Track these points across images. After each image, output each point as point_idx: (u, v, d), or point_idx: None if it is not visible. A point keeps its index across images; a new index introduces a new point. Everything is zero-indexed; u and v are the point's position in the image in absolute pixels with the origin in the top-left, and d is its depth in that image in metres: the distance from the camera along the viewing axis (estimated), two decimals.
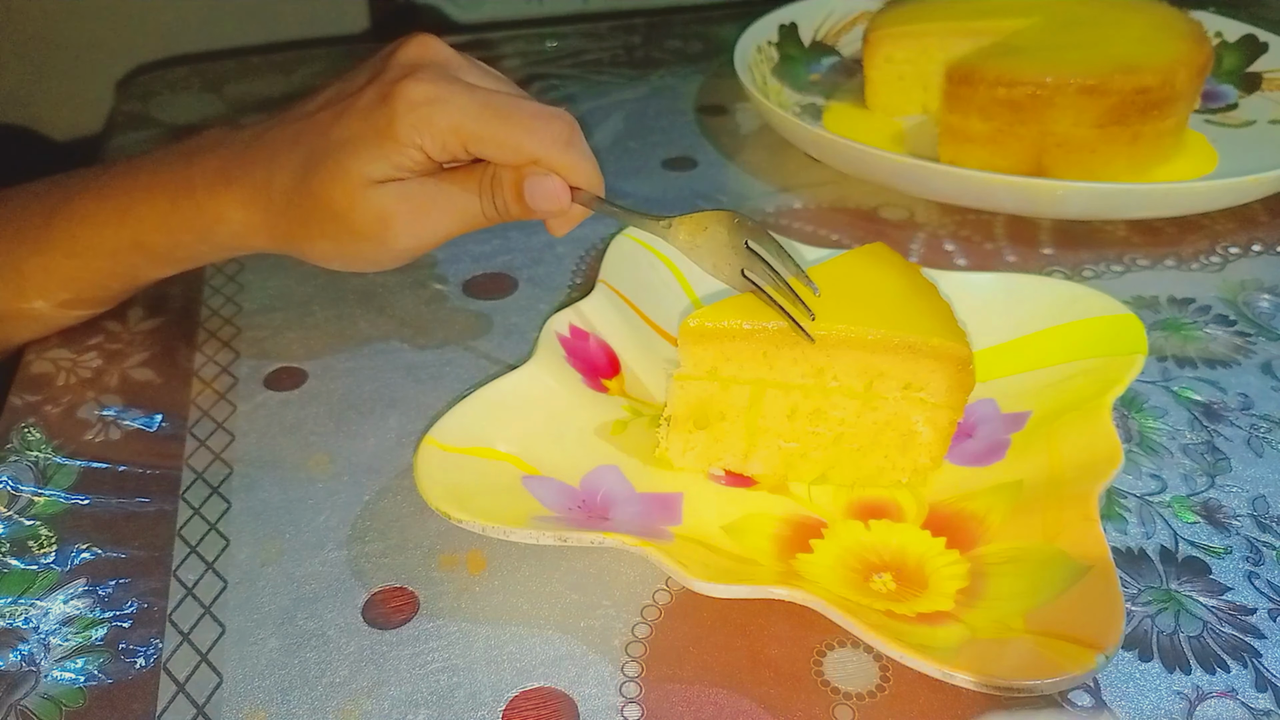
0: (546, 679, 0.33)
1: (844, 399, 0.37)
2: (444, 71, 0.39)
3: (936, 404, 0.37)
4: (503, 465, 0.37)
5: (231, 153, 0.41)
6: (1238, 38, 0.65)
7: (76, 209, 0.42)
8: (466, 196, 0.40)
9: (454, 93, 0.38)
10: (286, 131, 0.40)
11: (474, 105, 0.38)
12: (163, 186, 0.41)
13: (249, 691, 0.32)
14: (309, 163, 0.39)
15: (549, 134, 0.39)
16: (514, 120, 0.38)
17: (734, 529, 0.36)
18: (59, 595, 0.36)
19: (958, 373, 0.36)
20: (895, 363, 0.36)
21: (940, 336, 0.36)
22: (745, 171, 0.61)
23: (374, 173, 0.38)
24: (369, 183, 0.38)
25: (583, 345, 0.42)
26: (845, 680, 0.32)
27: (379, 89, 0.38)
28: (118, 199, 0.42)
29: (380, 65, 0.40)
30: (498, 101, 0.39)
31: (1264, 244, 0.52)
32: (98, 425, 0.43)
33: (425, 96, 0.38)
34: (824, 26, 0.71)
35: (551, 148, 0.39)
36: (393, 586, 0.36)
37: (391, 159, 0.38)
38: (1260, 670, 0.32)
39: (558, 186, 0.39)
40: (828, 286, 0.37)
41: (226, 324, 0.49)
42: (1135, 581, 0.35)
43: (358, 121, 0.38)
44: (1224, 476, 0.39)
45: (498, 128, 0.38)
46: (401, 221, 0.39)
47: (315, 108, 0.40)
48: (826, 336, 0.36)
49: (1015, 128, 0.54)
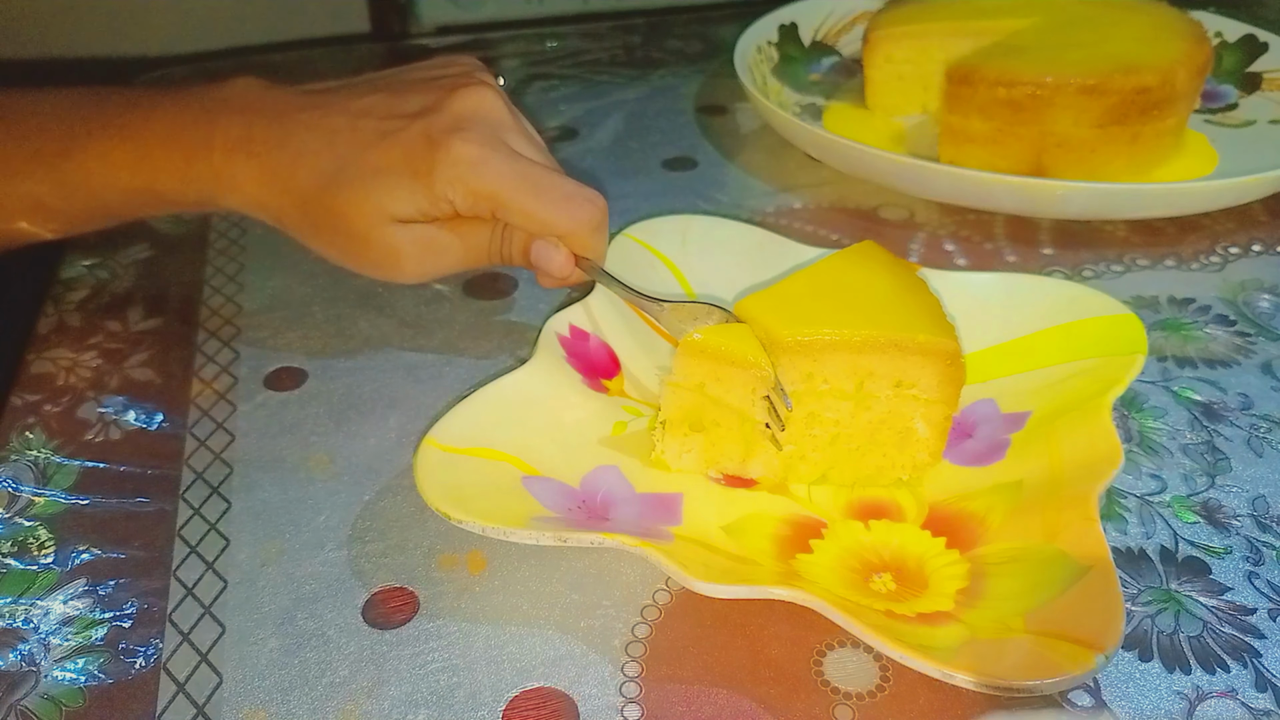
0: (546, 679, 0.33)
1: (836, 401, 0.37)
2: (493, 134, 0.40)
3: (930, 400, 0.37)
4: (503, 465, 0.37)
5: (258, 121, 0.40)
6: (1238, 38, 0.65)
7: (95, 147, 0.41)
8: (477, 243, 0.41)
9: (497, 159, 0.39)
10: (323, 123, 0.39)
11: (513, 176, 0.39)
12: (180, 140, 0.40)
13: (249, 691, 0.32)
14: (338, 177, 0.38)
15: (580, 218, 0.40)
16: (548, 199, 0.39)
17: (734, 529, 0.37)
18: (59, 595, 0.36)
19: (947, 367, 0.36)
20: (883, 362, 0.36)
21: (927, 332, 0.36)
22: (745, 171, 0.61)
23: (399, 211, 0.39)
24: (391, 219, 0.39)
25: (583, 345, 0.42)
26: (845, 680, 0.32)
27: (427, 131, 0.39)
28: (135, 143, 0.40)
29: (436, 97, 0.40)
30: (535, 176, 0.39)
31: (1264, 244, 0.52)
32: (98, 425, 0.43)
33: (469, 158, 0.38)
34: (824, 26, 0.71)
35: (578, 232, 0.40)
36: (393, 586, 0.36)
37: (420, 205, 0.39)
38: (1260, 670, 0.32)
39: (566, 259, 0.41)
40: (815, 289, 0.37)
41: (226, 324, 0.49)
42: (1135, 581, 0.35)
43: (398, 156, 0.38)
44: (1224, 476, 0.39)
45: (531, 203, 0.39)
46: (411, 261, 0.40)
47: (359, 110, 0.40)
48: (812, 342, 0.36)
49: (1015, 128, 0.54)
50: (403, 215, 0.39)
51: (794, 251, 0.46)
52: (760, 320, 0.37)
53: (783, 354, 0.36)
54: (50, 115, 0.42)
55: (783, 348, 0.36)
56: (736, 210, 0.57)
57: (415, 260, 0.40)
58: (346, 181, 0.38)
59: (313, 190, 0.39)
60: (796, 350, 0.36)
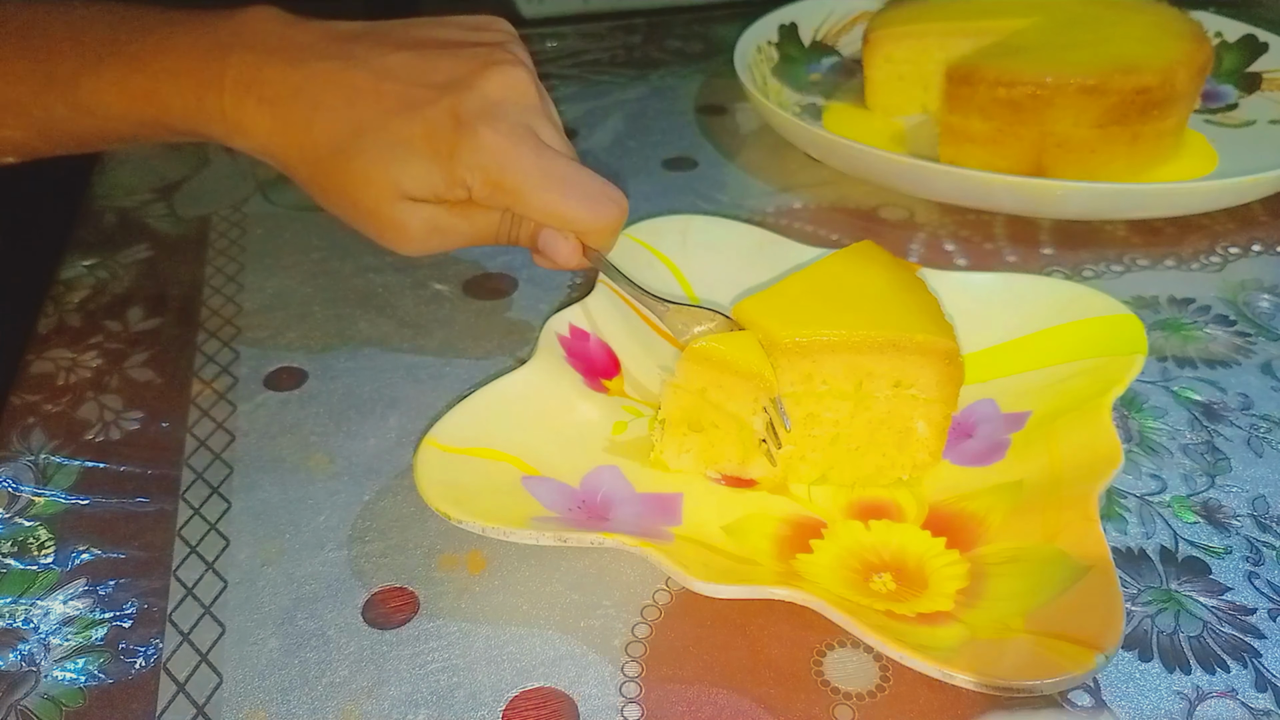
0: (546, 679, 0.33)
1: (836, 401, 0.37)
2: (522, 122, 0.38)
3: (929, 399, 0.37)
4: (503, 465, 0.37)
5: (271, 63, 0.38)
6: (1238, 38, 0.65)
7: (107, 74, 0.39)
8: (485, 227, 0.40)
9: (524, 154, 0.37)
10: (343, 78, 0.37)
11: (538, 173, 0.38)
12: (191, 75, 0.38)
13: (249, 691, 0.32)
14: (354, 143, 0.37)
15: (602, 218, 0.39)
16: (572, 198, 0.38)
17: (734, 529, 0.37)
18: (59, 595, 0.36)
19: (946, 367, 0.36)
20: (882, 362, 0.36)
21: (925, 332, 0.36)
22: (745, 171, 0.61)
23: (412, 190, 0.37)
24: (401, 196, 0.38)
25: (583, 345, 0.42)
26: (845, 680, 0.32)
27: (454, 110, 0.37)
28: (147, 75, 0.38)
29: (468, 70, 0.38)
30: (560, 172, 0.38)
31: (1264, 244, 0.52)
32: (98, 425, 0.43)
33: (495, 150, 0.37)
34: (824, 26, 0.71)
35: (597, 230, 0.39)
36: (393, 586, 0.36)
37: (435, 187, 0.38)
38: (1260, 670, 0.32)
39: (574, 250, 0.40)
40: (812, 289, 0.37)
41: (226, 324, 0.49)
42: (1135, 581, 0.35)
43: (420, 132, 0.37)
44: (1224, 476, 0.39)
45: (555, 201, 0.38)
46: (416, 238, 0.39)
47: (383, 70, 0.38)
48: (811, 343, 0.36)
49: (1015, 128, 0.54)
50: (415, 194, 0.38)
51: (794, 251, 0.46)
52: (758, 322, 0.37)
53: (781, 355, 0.36)
54: (63, 35, 0.39)
55: (781, 349, 0.36)
56: (736, 210, 0.57)
57: (419, 238, 0.39)
58: (362, 150, 0.37)
59: (326, 151, 0.37)
60: (795, 351, 0.36)
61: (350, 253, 0.53)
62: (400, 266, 0.52)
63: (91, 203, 0.59)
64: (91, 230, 0.56)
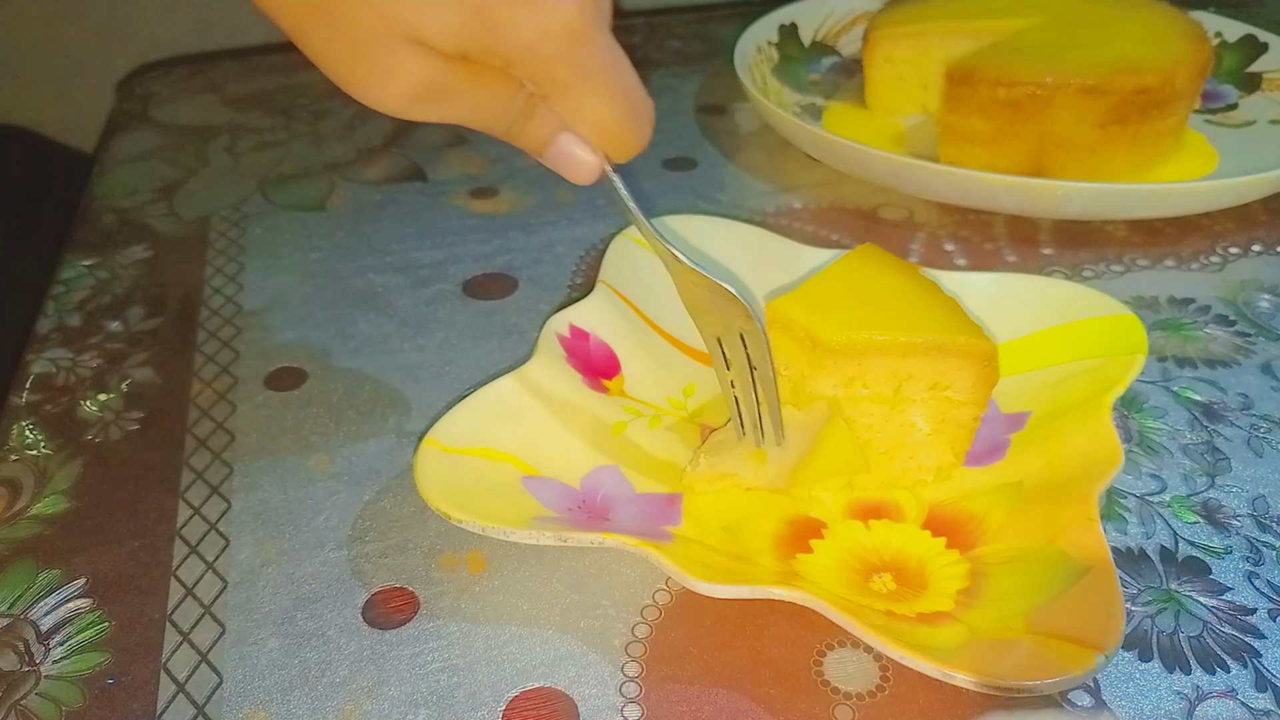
0: (546, 679, 0.33)
1: (872, 405, 0.37)
2: None
3: (961, 400, 0.36)
4: (503, 465, 0.37)
5: None
6: (1238, 38, 0.65)
7: None
8: (491, 107, 0.31)
9: (596, 38, 0.29)
10: None
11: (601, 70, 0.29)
12: None
13: (249, 691, 0.32)
14: None
15: (639, 139, 0.32)
16: (620, 106, 0.30)
17: (734, 529, 0.36)
18: (59, 595, 0.36)
19: (983, 368, 0.36)
20: (923, 364, 0.36)
21: (965, 334, 0.36)
22: (745, 171, 0.61)
23: (424, 32, 0.28)
24: (410, 36, 0.28)
25: (583, 345, 0.42)
26: (845, 680, 0.32)
27: None
28: None
29: None
30: (620, 71, 0.30)
31: (1264, 244, 0.52)
32: (98, 425, 0.43)
33: (562, 24, 0.28)
34: (824, 27, 0.71)
35: (628, 149, 0.32)
36: (393, 586, 0.36)
37: (461, 39, 0.28)
38: (1260, 670, 0.32)
39: (596, 166, 0.32)
40: (844, 292, 0.37)
41: (226, 324, 0.49)
42: (1135, 581, 0.35)
43: None
44: (1224, 476, 0.39)
45: (604, 105, 0.30)
46: (403, 93, 0.29)
47: None
48: (857, 344, 0.35)
49: (1015, 128, 0.54)
50: (428, 37, 0.28)
51: (794, 252, 0.46)
52: (800, 322, 0.36)
53: (827, 356, 0.36)
54: None
55: (828, 350, 0.35)
56: (736, 210, 0.57)
57: (406, 93, 0.29)
58: None
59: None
60: (842, 353, 0.36)
61: (350, 253, 0.53)
62: (400, 266, 0.52)
63: (91, 203, 0.59)
64: (91, 230, 0.56)
